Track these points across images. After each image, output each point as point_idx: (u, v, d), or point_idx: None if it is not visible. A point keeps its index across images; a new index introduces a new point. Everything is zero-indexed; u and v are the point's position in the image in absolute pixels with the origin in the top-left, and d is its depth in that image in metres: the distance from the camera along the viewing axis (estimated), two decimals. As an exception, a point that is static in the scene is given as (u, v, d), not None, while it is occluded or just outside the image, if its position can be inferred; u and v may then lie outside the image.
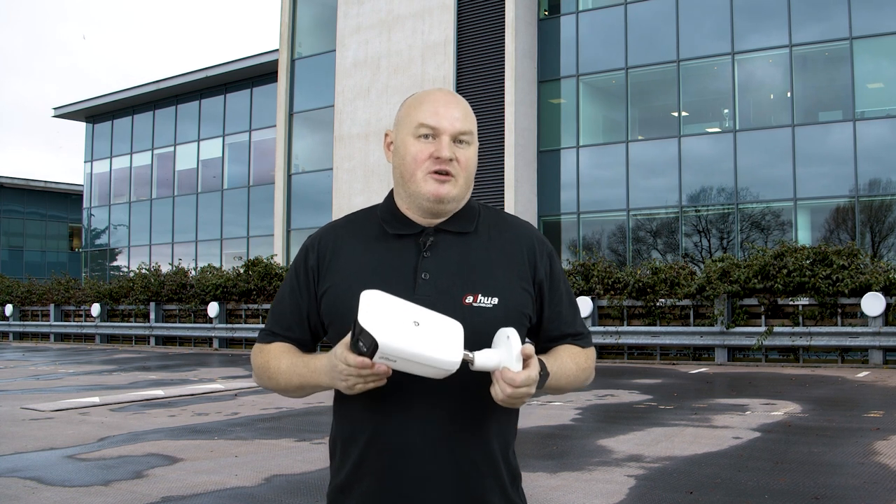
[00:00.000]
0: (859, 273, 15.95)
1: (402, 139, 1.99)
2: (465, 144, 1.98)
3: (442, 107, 1.97)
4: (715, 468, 7.08)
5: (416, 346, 1.70)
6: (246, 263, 25.01)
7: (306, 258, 2.06)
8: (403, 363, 1.71)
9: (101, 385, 14.64)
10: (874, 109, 21.32)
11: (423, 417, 1.90)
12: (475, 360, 1.77)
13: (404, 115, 2.01)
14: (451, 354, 1.73)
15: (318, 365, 1.89)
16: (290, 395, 2.05)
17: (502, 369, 1.76)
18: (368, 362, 1.70)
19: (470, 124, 1.99)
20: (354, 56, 28.30)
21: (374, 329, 1.67)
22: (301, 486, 6.68)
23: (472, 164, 2.01)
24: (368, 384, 1.77)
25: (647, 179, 24.13)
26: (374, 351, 1.68)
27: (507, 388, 1.76)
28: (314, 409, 10.80)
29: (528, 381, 1.77)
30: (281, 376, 1.98)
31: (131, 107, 38.84)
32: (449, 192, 1.96)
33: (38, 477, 7.07)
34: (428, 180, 1.95)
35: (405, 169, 1.98)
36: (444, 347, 1.73)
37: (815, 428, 9.00)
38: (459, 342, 1.76)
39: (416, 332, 1.71)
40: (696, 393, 12.48)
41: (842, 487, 6.33)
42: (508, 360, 1.76)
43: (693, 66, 23.57)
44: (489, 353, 1.79)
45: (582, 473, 6.98)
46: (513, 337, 1.77)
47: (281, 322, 2.07)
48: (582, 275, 18.94)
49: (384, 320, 1.70)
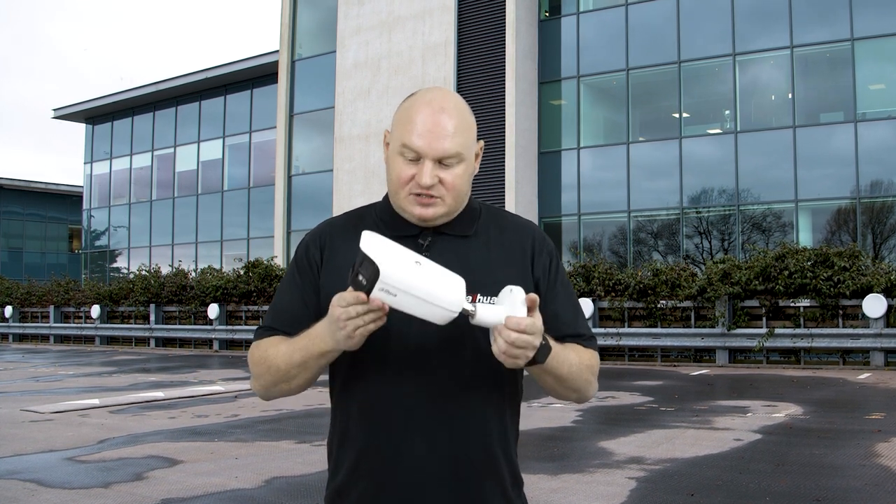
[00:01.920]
0: (861, 275, 15.94)
1: (391, 152, 1.93)
2: (452, 166, 1.89)
3: (430, 126, 1.87)
4: (716, 470, 7.06)
5: (418, 279, 1.65)
6: (246, 265, 25.02)
7: (307, 252, 2.00)
8: (403, 298, 1.65)
9: (100, 387, 14.62)
10: (876, 111, 21.29)
11: (422, 419, 1.86)
12: (477, 312, 1.70)
13: (396, 123, 1.93)
14: (453, 294, 1.68)
15: (318, 327, 1.81)
16: (292, 385, 1.92)
17: (507, 316, 1.69)
18: (363, 297, 1.64)
19: (458, 143, 1.89)
20: (355, 57, 28.29)
21: (377, 256, 1.62)
22: (301, 488, 6.66)
23: (461, 182, 1.92)
24: (368, 325, 1.69)
25: (648, 181, 24.11)
26: (375, 280, 1.61)
27: (511, 334, 1.67)
28: (314, 411, 10.78)
29: (533, 328, 1.69)
30: (280, 358, 1.88)
31: (131, 108, 38.83)
32: (434, 213, 1.90)
33: (38, 479, 7.05)
34: (412, 201, 1.90)
35: (391, 184, 1.93)
36: (446, 288, 1.68)
37: (817, 430, 8.98)
38: (461, 290, 1.70)
39: (418, 269, 1.66)
40: (697, 395, 12.47)
41: (843, 489, 6.31)
42: (512, 311, 1.69)
43: (694, 67, 23.55)
44: (492, 307, 1.72)
45: (583, 475, 6.96)
46: (516, 290, 1.71)
47: (280, 318, 1.98)
48: (583, 276, 18.92)
49: (387, 252, 1.65)
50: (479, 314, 1.70)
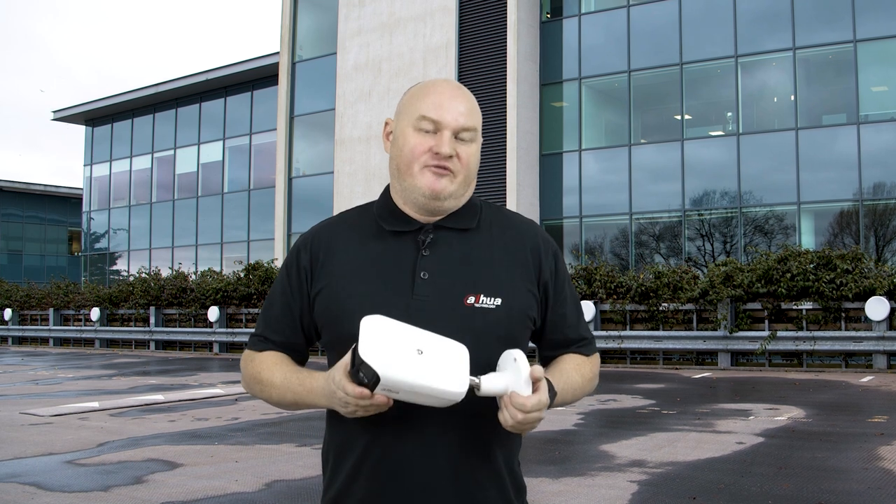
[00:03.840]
0: (863, 277, 15.90)
1: (401, 129, 1.90)
2: (467, 141, 1.88)
3: (447, 100, 1.87)
4: (718, 473, 7.04)
5: (419, 377, 1.62)
6: (246, 267, 25.00)
7: (298, 257, 1.96)
8: (406, 394, 1.64)
9: (100, 390, 14.60)
10: (878, 113, 21.27)
11: (421, 427, 1.81)
12: (481, 386, 1.69)
13: (406, 104, 1.91)
14: (456, 384, 1.65)
15: (315, 386, 1.81)
16: (280, 407, 1.96)
17: (510, 394, 1.68)
18: (368, 393, 1.63)
19: (474, 120, 1.89)
20: (355, 59, 28.29)
21: (376, 362, 1.59)
22: (302, 492, 6.63)
23: (474, 162, 1.91)
24: (370, 411, 1.69)
25: (650, 183, 24.09)
26: (376, 384, 1.60)
27: (517, 415, 1.67)
28: (315, 415, 10.74)
29: (538, 406, 1.68)
30: (274, 391, 1.90)
31: (131, 110, 38.85)
32: (446, 187, 1.86)
33: (38, 482, 7.02)
34: (425, 173, 1.86)
35: (402, 160, 1.89)
36: (448, 377, 1.65)
37: (819, 433, 8.95)
38: (465, 369, 1.68)
39: (419, 362, 1.63)
40: (699, 398, 12.43)
41: (846, 493, 6.29)
42: (517, 385, 1.68)
43: (696, 69, 23.53)
44: (495, 377, 1.71)
45: (584, 479, 6.93)
46: (520, 359, 1.69)
47: (272, 326, 1.97)
48: (584, 279, 18.88)
49: (386, 351, 1.62)
50: (484, 387, 1.70)
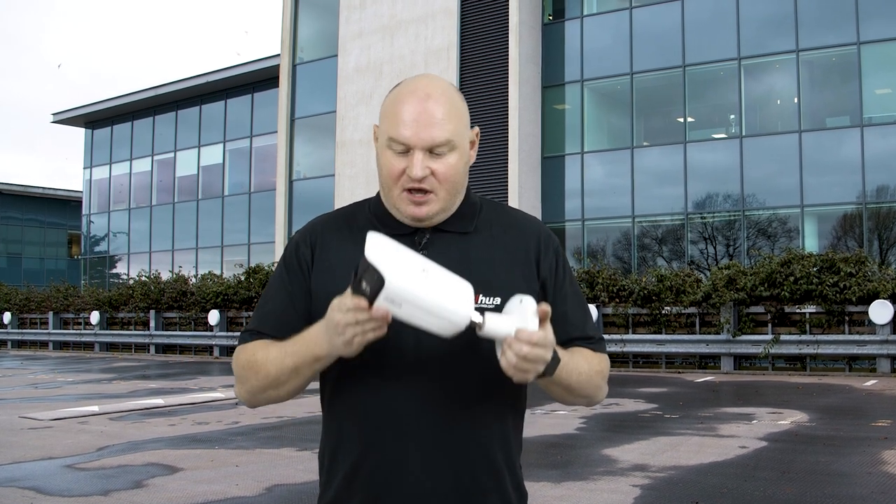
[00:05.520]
0: (867, 280, 15.86)
1: (380, 146, 1.83)
2: (444, 155, 1.78)
3: (418, 114, 1.77)
4: (721, 478, 7.02)
5: (424, 289, 1.56)
6: (247, 271, 24.96)
7: (297, 251, 1.90)
8: (409, 309, 1.56)
9: (100, 394, 14.58)
10: (882, 115, 21.22)
11: (420, 428, 1.76)
12: (485, 324, 1.61)
13: (383, 117, 1.83)
14: (461, 306, 1.59)
15: (313, 331, 1.71)
16: (281, 391, 1.82)
17: (517, 330, 1.60)
18: (365, 304, 1.55)
19: (449, 130, 1.78)
20: (356, 61, 28.27)
21: (382, 266, 1.53)
22: (302, 496, 6.60)
23: (454, 173, 1.81)
24: (367, 334, 1.60)
25: (653, 186, 24.05)
26: (379, 290, 1.53)
27: (522, 348, 1.58)
28: (315, 418, 10.70)
29: (545, 341, 1.60)
30: (271, 364, 1.77)
31: (131, 112, 38.82)
32: (428, 212, 1.80)
33: (37, 487, 7.00)
34: (405, 199, 1.80)
35: (382, 180, 1.84)
36: (454, 299, 1.59)
37: (823, 437, 8.94)
38: (470, 299, 1.62)
39: (424, 278, 1.57)
40: (701, 402, 12.41)
41: (849, 497, 6.29)
42: (522, 323, 1.60)
43: (699, 71, 23.50)
44: (501, 317, 1.63)
45: (586, 483, 6.91)
46: (526, 300, 1.62)
47: (267, 320, 1.88)
48: (587, 282, 18.84)
49: (393, 258, 1.56)
50: (488, 326, 1.61)
